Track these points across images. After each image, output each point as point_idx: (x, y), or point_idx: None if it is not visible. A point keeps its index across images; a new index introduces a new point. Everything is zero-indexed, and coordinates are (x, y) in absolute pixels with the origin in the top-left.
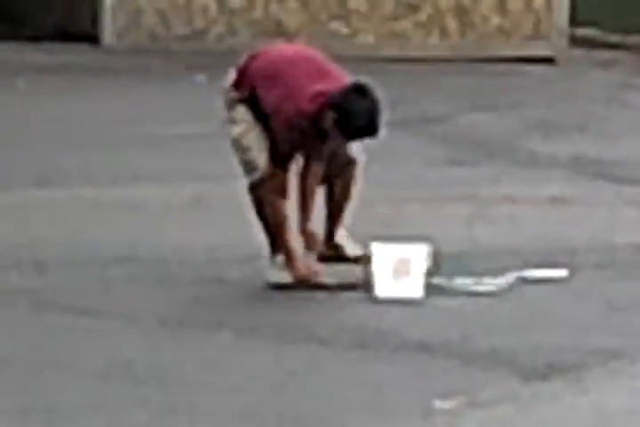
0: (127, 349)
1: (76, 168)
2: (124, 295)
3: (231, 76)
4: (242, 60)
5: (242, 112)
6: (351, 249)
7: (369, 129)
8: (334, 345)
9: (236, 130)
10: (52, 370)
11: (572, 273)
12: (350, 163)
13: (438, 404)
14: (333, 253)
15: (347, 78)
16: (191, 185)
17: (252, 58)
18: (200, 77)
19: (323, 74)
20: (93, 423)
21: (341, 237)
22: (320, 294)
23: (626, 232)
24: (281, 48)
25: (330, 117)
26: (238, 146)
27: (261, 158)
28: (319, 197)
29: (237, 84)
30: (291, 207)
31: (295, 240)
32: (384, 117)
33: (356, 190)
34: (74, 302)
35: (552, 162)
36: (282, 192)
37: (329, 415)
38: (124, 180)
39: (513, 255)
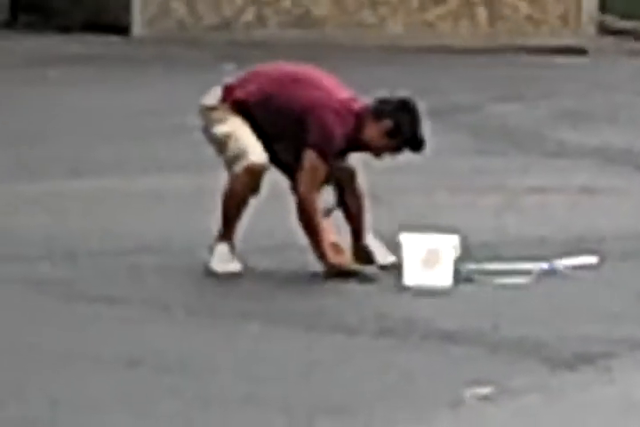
0: (157, 338)
1: (107, 159)
2: (154, 285)
3: (215, 92)
4: (233, 78)
5: (229, 115)
6: (382, 257)
7: (421, 142)
8: (363, 334)
9: (224, 128)
10: (82, 360)
11: (600, 262)
12: (352, 173)
13: (467, 393)
14: (363, 258)
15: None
16: (220, 174)
17: (256, 72)
18: (229, 67)
19: (339, 85)
20: (123, 413)
21: (372, 242)
22: (348, 284)
23: None
24: (284, 63)
25: (384, 127)
26: (228, 141)
27: (256, 147)
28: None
29: (229, 97)
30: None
31: (324, 230)
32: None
33: (365, 195)
34: (105, 292)
35: (581, 152)
36: (319, 185)
37: (358, 405)
38: (155, 170)
39: (542, 245)
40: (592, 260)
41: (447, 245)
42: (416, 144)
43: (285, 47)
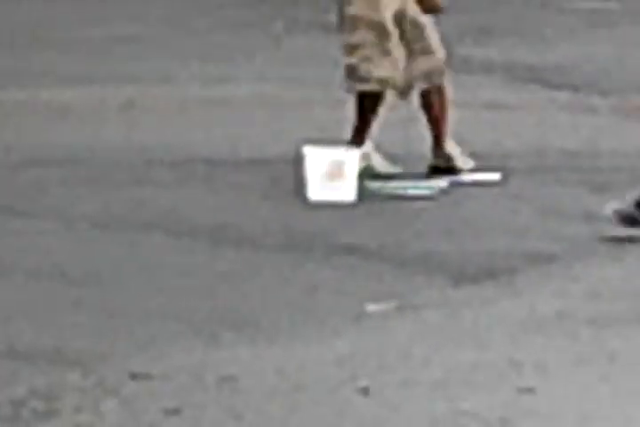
0: (60, 250)
1: (6, 70)
2: (57, 197)
3: None
4: None
5: None
6: (462, 162)
7: None
8: (267, 247)
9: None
10: None
11: (504, 177)
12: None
13: (369, 307)
14: (443, 164)
15: None
16: (125, 88)
17: None
18: None
19: None
20: (27, 324)
21: (452, 147)
22: (250, 197)
23: (559, 137)
24: None
25: None
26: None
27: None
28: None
29: None
30: None
31: None
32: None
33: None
34: (6, 203)
35: (486, 67)
36: None
37: (262, 318)
38: (57, 82)
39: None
40: (494, 176)
41: (351, 158)
42: None
43: None
